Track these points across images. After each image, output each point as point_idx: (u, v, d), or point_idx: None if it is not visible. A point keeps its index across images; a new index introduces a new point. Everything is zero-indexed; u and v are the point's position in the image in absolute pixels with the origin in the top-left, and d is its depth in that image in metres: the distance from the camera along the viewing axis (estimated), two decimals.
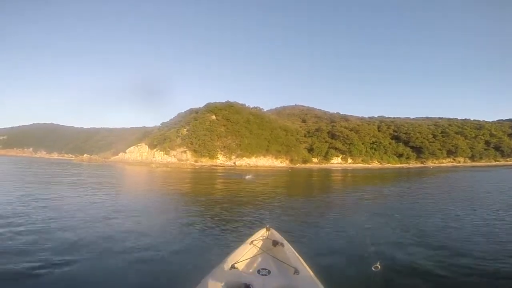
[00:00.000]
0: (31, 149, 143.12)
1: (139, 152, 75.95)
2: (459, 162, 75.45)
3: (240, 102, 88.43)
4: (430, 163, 74.23)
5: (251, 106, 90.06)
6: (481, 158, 75.49)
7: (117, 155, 79.29)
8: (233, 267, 2.32)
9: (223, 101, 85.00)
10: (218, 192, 15.73)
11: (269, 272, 2.30)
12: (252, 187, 17.72)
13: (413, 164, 74.98)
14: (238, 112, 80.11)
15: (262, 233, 3.25)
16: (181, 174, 34.21)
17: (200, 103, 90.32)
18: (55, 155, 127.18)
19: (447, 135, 79.44)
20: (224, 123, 75.32)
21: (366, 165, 71.98)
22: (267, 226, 3.37)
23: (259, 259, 2.63)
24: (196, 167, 55.90)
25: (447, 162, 75.73)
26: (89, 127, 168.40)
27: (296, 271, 2.27)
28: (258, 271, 2.31)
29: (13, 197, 10.40)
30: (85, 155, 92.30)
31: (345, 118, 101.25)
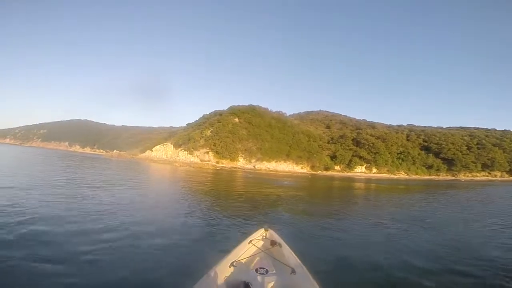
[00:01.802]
0: (66, 143, 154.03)
1: (164, 151, 78.77)
2: (495, 176, 69.91)
3: (263, 106, 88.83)
4: (462, 176, 69.52)
5: (274, 110, 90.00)
6: None
7: (144, 152, 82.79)
8: (232, 265, 2.40)
9: (246, 104, 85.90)
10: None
11: (266, 271, 2.35)
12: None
13: (443, 176, 70.66)
14: (260, 116, 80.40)
15: (260, 233, 3.30)
16: (217, 176, 34.23)
17: (224, 106, 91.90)
18: (87, 150, 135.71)
19: (483, 147, 73.86)
20: (246, 126, 75.95)
21: (392, 176, 68.91)
22: (266, 226, 3.41)
23: (258, 258, 2.70)
24: (217, 168, 56.79)
25: (481, 176, 70.48)
26: (120, 125, 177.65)
27: (293, 271, 2.32)
28: (256, 270, 2.35)
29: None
30: (114, 151, 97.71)
31: (372, 125, 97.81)
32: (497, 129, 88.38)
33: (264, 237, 3.20)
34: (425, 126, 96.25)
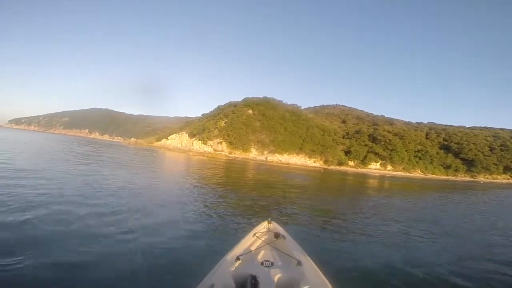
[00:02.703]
0: (87, 130, 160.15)
1: (179, 140, 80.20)
2: None
3: (278, 99, 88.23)
4: (482, 178, 66.68)
5: (289, 103, 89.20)
6: None
7: (160, 141, 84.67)
8: (238, 259, 2.39)
9: (261, 97, 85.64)
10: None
11: (272, 264, 2.36)
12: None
13: (461, 177, 68.05)
14: (274, 108, 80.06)
15: (264, 225, 3.30)
16: (229, 166, 34.59)
17: (239, 97, 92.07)
18: (106, 137, 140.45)
19: (507, 149, 70.26)
20: (259, 118, 75.98)
21: (407, 174, 67.15)
22: (269, 219, 3.40)
23: (262, 251, 2.68)
24: (230, 158, 57.41)
25: (502, 179, 67.33)
26: (138, 114, 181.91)
27: (299, 263, 2.32)
28: (262, 263, 2.36)
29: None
30: (132, 138, 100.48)
31: (389, 121, 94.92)
32: None
33: (267, 230, 3.20)
34: (446, 125, 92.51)
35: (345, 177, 39.48)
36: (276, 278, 2.13)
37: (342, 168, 67.24)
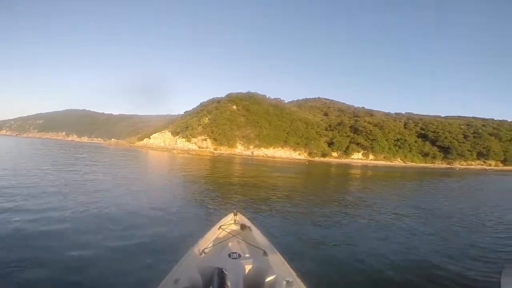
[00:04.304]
0: (63, 133, 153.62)
1: (162, 138, 78.79)
2: (490, 165, 70.64)
3: (261, 93, 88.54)
4: (457, 165, 70.19)
5: (272, 98, 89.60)
6: None
7: (142, 140, 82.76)
8: (203, 252, 2.36)
9: (244, 92, 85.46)
10: None
11: (239, 255, 2.33)
12: None
13: (439, 164, 71.31)
14: (258, 103, 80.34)
15: (230, 217, 3.26)
16: (214, 163, 34.76)
17: (222, 93, 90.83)
18: (85, 139, 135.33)
19: (480, 136, 74.35)
20: (244, 114, 75.97)
21: (388, 163, 69.53)
22: (235, 211, 3.36)
23: (229, 244, 2.65)
24: (215, 155, 57.06)
25: (476, 164, 71.19)
26: (118, 113, 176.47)
27: (265, 253, 2.34)
28: (229, 255, 2.33)
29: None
30: (112, 139, 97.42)
31: (370, 113, 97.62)
32: (495, 119, 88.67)
33: (234, 222, 3.16)
34: (423, 115, 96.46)
35: (329, 168, 40.30)
36: (243, 269, 2.12)
37: (326, 159, 68.63)
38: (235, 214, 3.27)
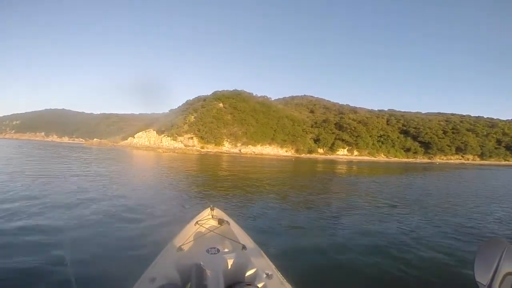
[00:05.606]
0: (43, 133, 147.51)
1: (147, 137, 77.10)
2: (468, 159, 74.00)
3: (248, 91, 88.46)
4: (438, 159, 73.04)
5: (259, 95, 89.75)
6: (490, 156, 73.98)
7: (126, 140, 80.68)
8: (180, 248, 2.28)
9: (231, 90, 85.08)
10: None
11: (218, 250, 2.29)
12: None
13: (420, 159, 73.95)
14: (245, 101, 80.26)
15: (207, 212, 3.17)
16: (201, 161, 34.47)
17: (208, 91, 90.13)
18: (65, 139, 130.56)
19: (458, 132, 77.80)
20: (231, 111, 75.66)
21: (372, 158, 71.38)
22: (211, 205, 3.26)
23: (207, 239, 2.58)
24: (202, 153, 56.53)
25: (455, 159, 74.42)
26: (99, 112, 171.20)
27: (244, 247, 2.29)
28: (207, 251, 2.28)
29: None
30: (94, 139, 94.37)
31: (354, 110, 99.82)
32: (472, 115, 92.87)
33: (211, 217, 3.07)
34: (405, 111, 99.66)
35: (315, 164, 40.69)
36: (222, 264, 2.07)
37: (313, 155, 69.60)
38: (212, 209, 3.18)
